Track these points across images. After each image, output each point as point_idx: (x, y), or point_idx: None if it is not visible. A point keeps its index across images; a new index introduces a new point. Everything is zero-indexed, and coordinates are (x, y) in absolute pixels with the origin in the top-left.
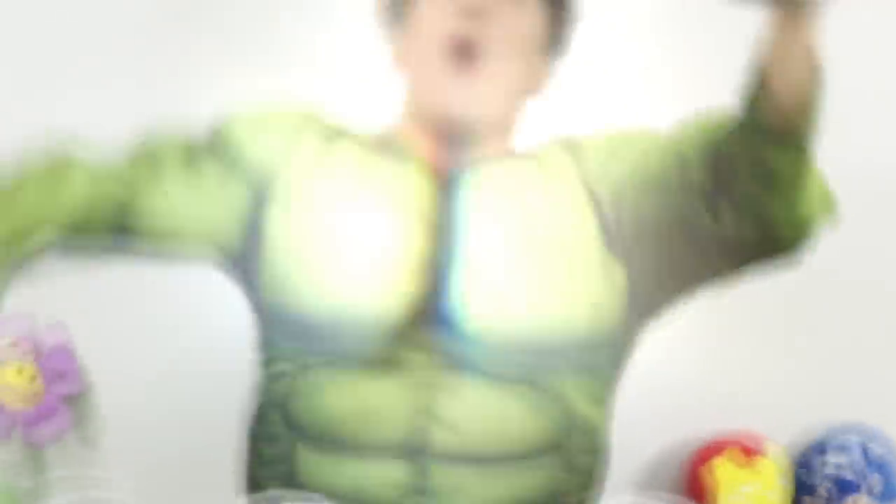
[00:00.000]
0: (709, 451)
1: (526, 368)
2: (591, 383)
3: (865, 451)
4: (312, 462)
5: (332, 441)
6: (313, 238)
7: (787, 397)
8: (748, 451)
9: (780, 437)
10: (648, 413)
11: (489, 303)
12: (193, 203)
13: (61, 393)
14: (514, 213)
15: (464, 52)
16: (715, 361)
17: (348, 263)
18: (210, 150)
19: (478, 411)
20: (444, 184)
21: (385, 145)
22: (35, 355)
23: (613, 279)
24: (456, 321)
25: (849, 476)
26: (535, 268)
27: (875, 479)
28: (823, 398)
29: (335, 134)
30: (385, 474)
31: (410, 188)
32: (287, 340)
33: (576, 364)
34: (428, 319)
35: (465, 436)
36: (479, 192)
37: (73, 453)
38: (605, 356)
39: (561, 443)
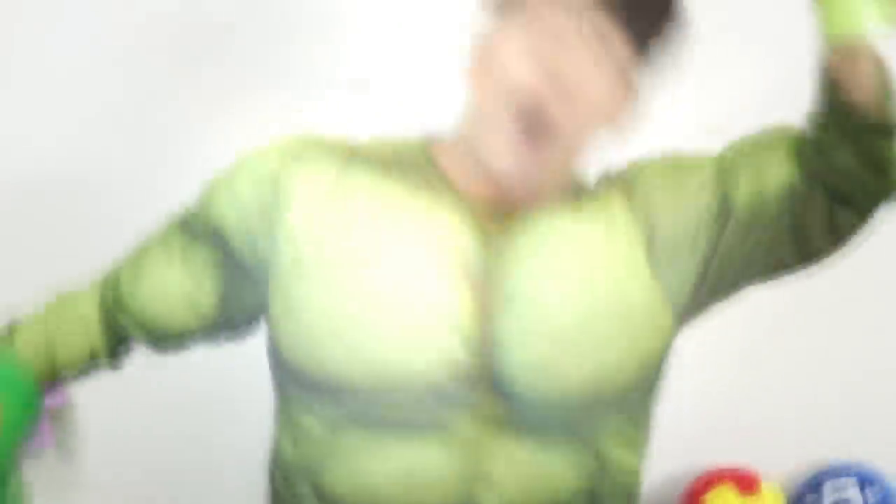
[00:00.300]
0: (704, 484)
1: (571, 424)
2: (627, 430)
3: (862, 488)
4: None
5: None
6: (342, 291)
7: (783, 432)
8: (744, 484)
9: (776, 472)
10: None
11: (541, 363)
12: (168, 282)
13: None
14: (570, 265)
15: (533, 122)
16: (712, 394)
17: (390, 319)
18: (184, 225)
19: (524, 471)
20: (492, 228)
21: (410, 166)
22: None
23: (661, 326)
24: (507, 382)
25: None
26: (590, 326)
27: None
28: (819, 433)
29: (347, 158)
30: None
31: (452, 230)
32: (316, 399)
33: (616, 414)
34: (476, 379)
35: (512, 497)
36: (531, 240)
37: (52, 468)
38: (644, 401)
39: (594, 490)
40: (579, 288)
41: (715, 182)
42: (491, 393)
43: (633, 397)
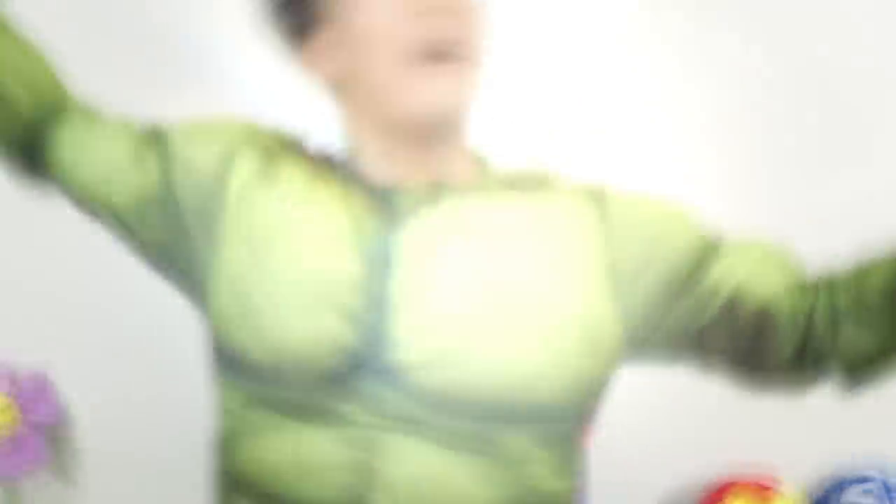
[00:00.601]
0: (721, 491)
1: (482, 434)
2: (558, 453)
3: (887, 487)
4: None
5: (267, 495)
6: (252, 270)
7: (803, 437)
8: (763, 489)
9: (796, 475)
10: (659, 451)
11: (436, 355)
12: (105, 152)
13: (37, 423)
14: (488, 257)
15: (440, 56)
16: (728, 398)
17: (285, 300)
18: (148, 135)
19: (421, 474)
20: (395, 212)
21: (332, 162)
22: (10, 383)
23: (605, 342)
24: (401, 373)
25: None
26: (501, 320)
27: None
28: (841, 438)
29: (279, 149)
30: None
31: (355, 216)
32: (231, 374)
33: (542, 433)
34: (370, 369)
35: (405, 499)
36: (441, 225)
37: (48, 487)
38: (574, 425)
39: None
40: (495, 280)
41: (700, 250)
42: (387, 385)
43: (559, 418)
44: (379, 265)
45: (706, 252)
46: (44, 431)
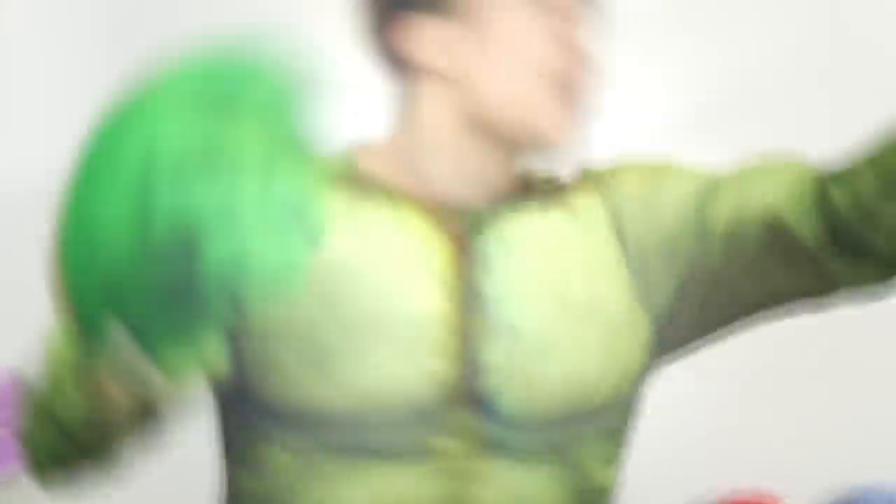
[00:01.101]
0: None
1: (555, 444)
2: (608, 445)
3: None
4: None
5: None
6: (318, 315)
7: (807, 455)
8: None
9: (802, 495)
10: (665, 470)
11: (527, 379)
12: None
13: (11, 425)
14: (545, 268)
15: (567, 90)
16: (733, 418)
17: (372, 343)
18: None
19: (511, 494)
20: (458, 234)
21: (349, 180)
22: None
23: (639, 333)
24: (494, 401)
25: None
26: (569, 334)
27: None
28: (845, 455)
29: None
30: None
31: (420, 240)
32: (286, 431)
33: (597, 430)
34: (462, 400)
35: None
36: (502, 243)
37: (21, 490)
38: (624, 416)
39: None
40: (557, 293)
41: (696, 196)
42: (476, 413)
43: (611, 412)
44: (463, 294)
45: (702, 195)
46: (19, 434)
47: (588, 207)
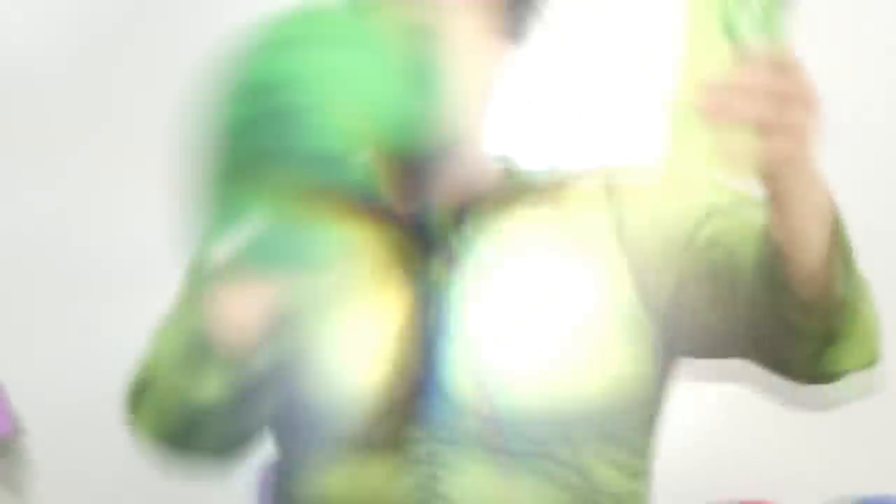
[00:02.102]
0: None
1: (535, 441)
2: (617, 451)
3: None
4: None
5: None
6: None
7: (808, 467)
8: None
9: None
10: (669, 482)
11: (484, 373)
12: None
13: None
14: (525, 269)
15: None
16: (732, 429)
17: (332, 338)
18: None
19: (487, 494)
20: (438, 239)
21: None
22: None
23: (638, 339)
24: (448, 393)
25: None
26: (546, 334)
27: None
28: (845, 467)
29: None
30: None
31: (399, 253)
32: (298, 431)
33: (603, 435)
34: (421, 392)
35: None
36: (484, 244)
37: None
38: (631, 422)
39: None
40: (534, 293)
41: (702, 211)
42: (439, 407)
43: (606, 416)
44: (426, 286)
45: (704, 217)
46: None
47: (590, 206)
